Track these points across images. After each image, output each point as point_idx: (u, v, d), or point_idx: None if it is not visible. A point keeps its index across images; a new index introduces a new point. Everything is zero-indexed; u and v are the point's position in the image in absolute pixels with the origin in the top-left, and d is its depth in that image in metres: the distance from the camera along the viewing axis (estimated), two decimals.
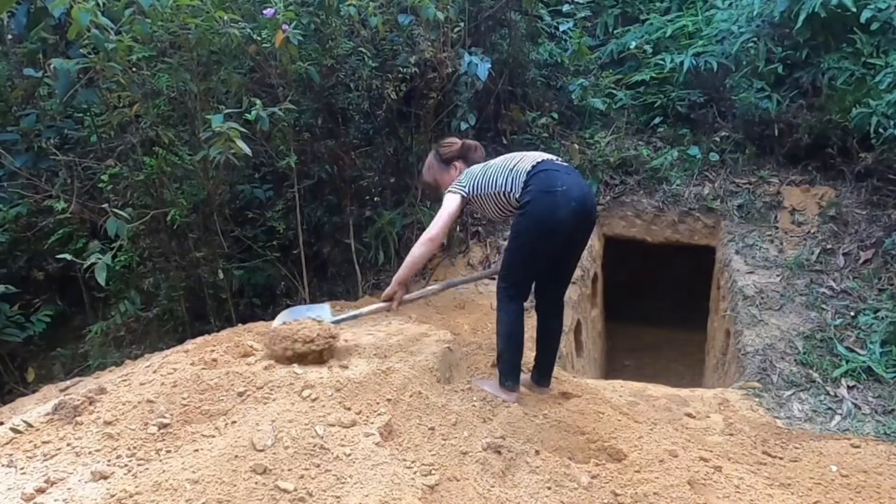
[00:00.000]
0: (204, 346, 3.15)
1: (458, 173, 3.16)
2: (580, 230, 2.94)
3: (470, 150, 3.26)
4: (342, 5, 4.09)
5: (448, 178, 3.20)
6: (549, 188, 2.79)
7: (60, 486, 2.19)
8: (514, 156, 3.05)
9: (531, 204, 2.81)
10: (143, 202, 4.30)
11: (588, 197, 2.88)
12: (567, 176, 2.86)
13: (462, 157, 3.24)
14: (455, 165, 3.23)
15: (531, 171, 2.88)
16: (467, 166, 3.17)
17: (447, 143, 3.28)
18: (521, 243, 2.89)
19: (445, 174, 3.24)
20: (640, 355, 7.05)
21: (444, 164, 3.25)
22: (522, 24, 5.71)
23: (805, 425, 3.58)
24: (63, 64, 3.48)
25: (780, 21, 5.38)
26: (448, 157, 3.25)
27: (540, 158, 2.96)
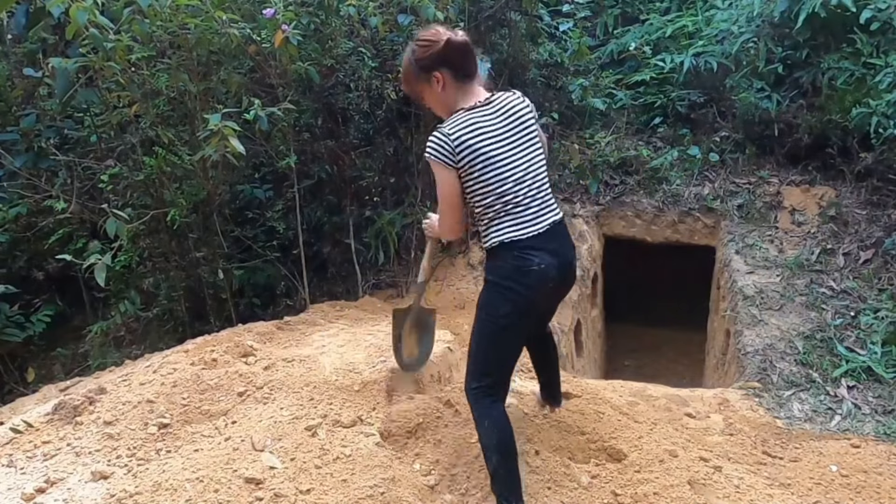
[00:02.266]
0: (204, 346, 3.15)
1: (442, 91, 2.32)
2: (557, 300, 2.58)
3: (458, 54, 2.29)
4: (342, 5, 4.09)
5: (431, 95, 2.37)
6: (522, 268, 2.29)
7: (60, 486, 2.19)
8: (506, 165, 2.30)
9: (500, 285, 2.31)
10: (142, 202, 4.30)
11: (568, 269, 2.45)
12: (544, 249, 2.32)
13: (447, 63, 2.29)
14: (437, 77, 2.30)
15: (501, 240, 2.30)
16: (457, 82, 2.31)
17: (425, 41, 2.31)
18: (492, 328, 2.35)
19: (425, 87, 2.35)
20: (640, 355, 7.05)
21: (421, 70, 2.32)
22: (522, 24, 5.71)
23: (805, 425, 3.58)
24: (62, 63, 3.48)
25: (780, 21, 5.38)
26: (424, 62, 2.30)
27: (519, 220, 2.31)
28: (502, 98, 2.37)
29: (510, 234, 2.30)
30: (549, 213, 2.38)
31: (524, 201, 2.31)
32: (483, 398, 2.37)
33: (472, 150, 2.25)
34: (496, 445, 2.33)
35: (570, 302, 5.11)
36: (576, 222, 5.65)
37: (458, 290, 4.92)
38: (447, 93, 2.33)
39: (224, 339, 3.27)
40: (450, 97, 2.34)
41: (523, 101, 2.41)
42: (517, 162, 2.31)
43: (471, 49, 2.34)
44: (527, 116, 2.38)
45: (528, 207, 2.32)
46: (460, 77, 2.32)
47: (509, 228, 2.30)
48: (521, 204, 2.30)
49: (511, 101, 2.37)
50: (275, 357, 3.07)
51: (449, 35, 2.30)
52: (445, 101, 2.35)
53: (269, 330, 3.55)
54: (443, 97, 2.35)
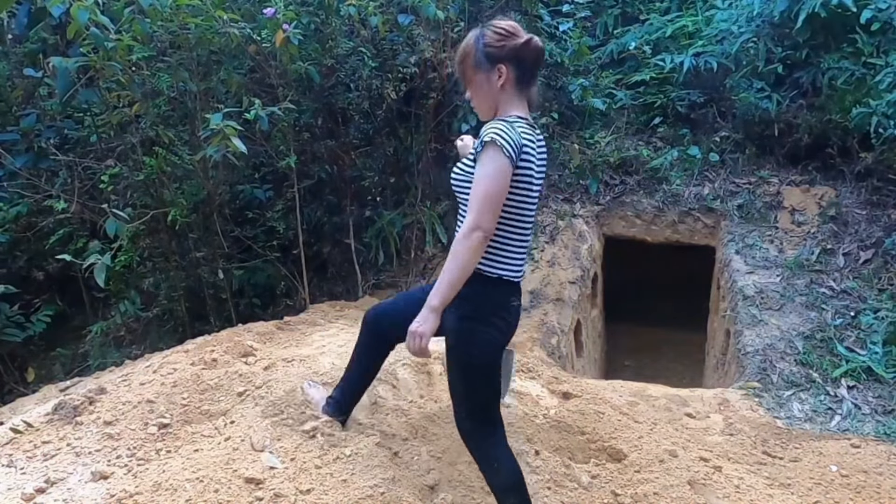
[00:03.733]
0: (204, 346, 3.15)
1: (500, 88, 2.11)
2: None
3: (533, 56, 2.14)
4: (342, 5, 4.09)
5: (484, 86, 2.14)
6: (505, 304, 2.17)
7: (60, 486, 2.19)
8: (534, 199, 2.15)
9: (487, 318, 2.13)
10: (143, 202, 4.30)
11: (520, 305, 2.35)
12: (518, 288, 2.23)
13: (518, 61, 2.11)
14: (500, 70, 2.10)
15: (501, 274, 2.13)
16: (518, 86, 2.13)
17: (503, 30, 2.15)
18: (484, 362, 2.16)
19: (483, 77, 2.13)
20: (640, 355, 7.04)
21: (486, 58, 2.11)
22: (522, 24, 5.70)
23: (805, 425, 3.58)
24: (62, 62, 3.48)
25: (780, 21, 5.38)
26: (494, 52, 2.11)
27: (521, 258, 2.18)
28: (537, 131, 2.21)
29: (511, 270, 2.14)
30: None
31: (525, 242, 2.18)
32: (486, 438, 2.22)
33: (527, 164, 2.06)
34: (506, 486, 2.22)
35: (570, 302, 5.12)
36: (576, 222, 5.65)
37: None
38: (504, 91, 2.12)
39: (224, 339, 3.27)
40: (503, 97, 2.13)
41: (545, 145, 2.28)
42: (536, 202, 2.19)
43: (543, 60, 2.25)
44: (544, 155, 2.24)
45: (524, 251, 2.19)
46: (523, 81, 2.14)
47: (511, 265, 2.14)
48: (524, 244, 2.17)
49: (542, 138, 2.24)
50: (275, 357, 3.07)
51: (532, 36, 2.16)
52: (497, 98, 2.14)
53: (269, 330, 3.55)
54: (496, 94, 2.13)
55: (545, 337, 4.72)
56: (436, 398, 2.94)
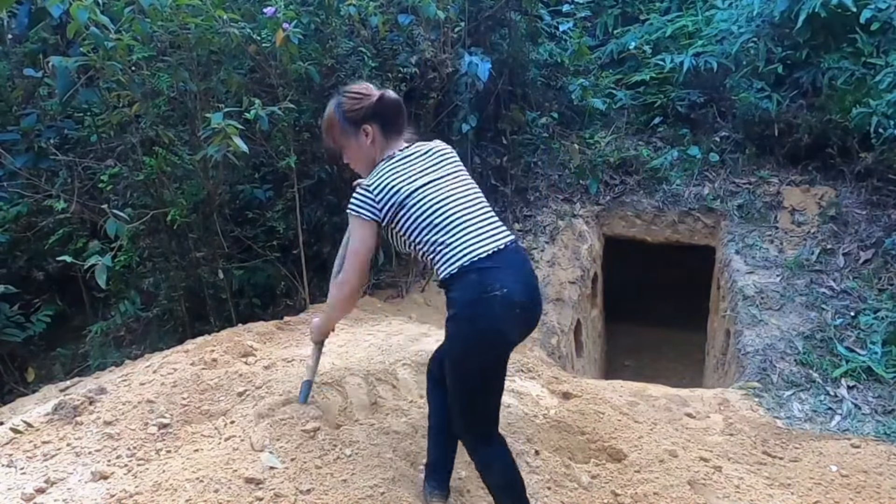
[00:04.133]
0: (204, 346, 3.15)
1: (370, 145, 2.26)
2: (526, 328, 2.24)
3: (391, 109, 2.28)
4: (342, 5, 4.09)
5: (355, 149, 2.30)
6: (483, 293, 2.04)
7: (60, 486, 2.19)
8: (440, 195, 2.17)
9: (464, 318, 2.08)
10: (143, 202, 4.30)
11: (534, 293, 2.17)
12: (504, 270, 2.08)
13: (378, 118, 2.26)
14: (366, 130, 2.25)
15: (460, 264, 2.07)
16: (385, 137, 2.27)
17: (356, 94, 2.28)
18: (469, 369, 2.12)
19: (352, 141, 2.28)
20: (640, 355, 7.05)
21: (348, 123, 2.26)
22: (522, 24, 5.71)
23: (805, 425, 3.58)
24: (62, 62, 3.48)
25: (780, 21, 5.38)
26: (354, 116, 2.25)
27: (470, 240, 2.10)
28: (422, 145, 2.31)
29: (465, 253, 2.08)
30: (503, 233, 2.18)
31: (470, 219, 2.15)
32: (485, 443, 2.20)
33: (394, 189, 2.16)
34: (503, 485, 2.23)
35: (570, 302, 5.12)
36: (576, 222, 5.65)
37: None
38: (374, 147, 2.27)
39: (224, 339, 3.27)
40: (374, 152, 2.28)
41: (446, 147, 2.34)
42: (448, 185, 2.20)
43: (403, 108, 2.33)
44: (452, 156, 2.31)
45: (483, 226, 2.15)
46: (390, 131, 2.29)
47: (460, 251, 2.09)
48: (468, 221, 2.14)
49: (431, 145, 2.32)
50: (275, 357, 3.07)
51: (383, 91, 2.30)
52: (370, 155, 2.28)
53: (269, 330, 3.55)
54: (369, 151, 2.28)
55: (545, 337, 4.72)
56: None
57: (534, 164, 6.02)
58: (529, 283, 2.17)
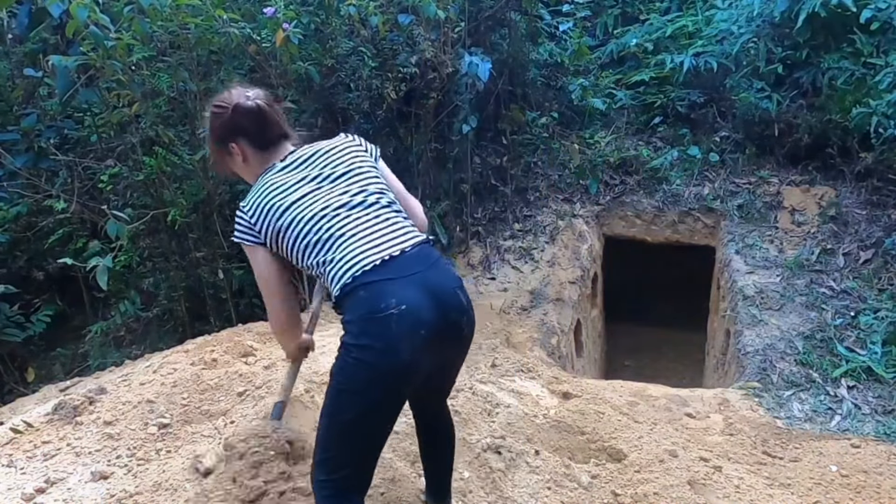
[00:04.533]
0: (204, 346, 3.15)
1: (244, 164, 1.97)
2: (451, 353, 1.88)
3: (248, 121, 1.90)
4: (342, 5, 4.09)
5: (238, 169, 2.01)
6: (374, 312, 1.65)
7: (60, 486, 2.19)
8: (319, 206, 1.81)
9: (353, 345, 1.68)
10: (143, 202, 4.30)
11: (449, 306, 1.74)
12: (400, 281, 1.69)
13: (242, 132, 1.92)
14: (234, 148, 1.94)
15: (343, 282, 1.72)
16: (258, 151, 1.94)
17: (214, 108, 1.95)
18: (344, 406, 1.72)
19: (228, 160, 2.00)
20: (640, 355, 7.05)
21: (217, 143, 1.98)
22: (522, 24, 5.71)
23: (805, 425, 3.58)
24: (61, 61, 3.48)
25: (780, 21, 5.38)
26: (217, 134, 1.96)
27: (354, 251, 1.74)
28: (310, 147, 1.96)
29: (348, 270, 1.72)
30: (403, 236, 1.79)
31: (355, 227, 1.77)
32: (335, 497, 1.74)
33: (265, 209, 1.84)
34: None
35: (570, 302, 5.12)
36: (576, 222, 5.65)
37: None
38: (250, 165, 1.96)
39: (224, 339, 3.27)
40: (254, 168, 1.96)
41: (347, 140, 2.00)
42: (330, 192, 1.83)
43: (269, 114, 1.92)
44: (344, 153, 1.93)
45: (371, 234, 1.77)
46: (262, 147, 1.93)
47: (346, 265, 1.72)
48: (353, 230, 1.77)
49: (321, 147, 1.95)
50: (275, 357, 3.07)
51: (238, 100, 1.89)
52: (251, 173, 1.98)
53: (269, 330, 3.55)
54: (246, 171, 1.99)
55: (545, 337, 4.72)
56: None
57: (534, 164, 6.02)
58: (443, 292, 1.73)
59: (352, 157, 1.94)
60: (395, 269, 1.71)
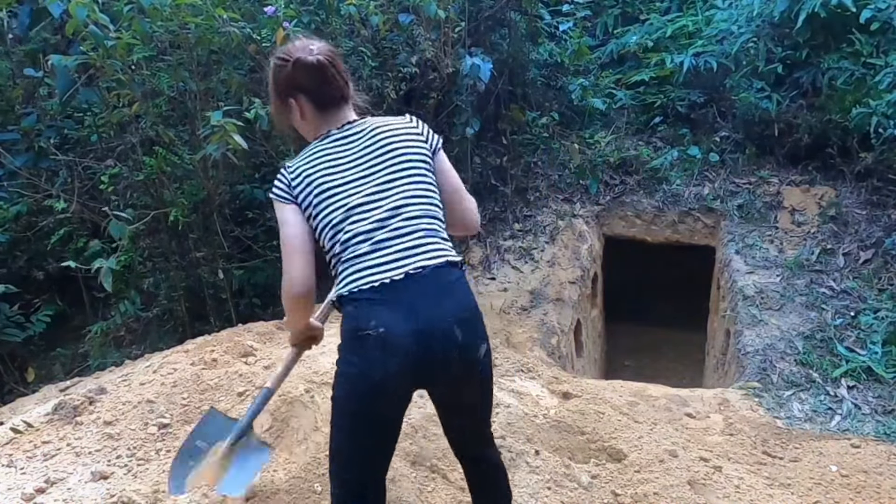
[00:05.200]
0: (204, 346, 3.15)
1: (302, 121, 1.90)
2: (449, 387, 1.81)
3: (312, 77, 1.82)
4: (342, 4, 4.09)
5: (296, 125, 1.95)
6: (356, 330, 1.68)
7: (60, 486, 2.19)
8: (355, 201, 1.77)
9: (341, 357, 1.75)
10: (143, 202, 4.30)
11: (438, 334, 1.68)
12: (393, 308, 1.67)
13: (302, 89, 1.84)
14: (293, 105, 1.88)
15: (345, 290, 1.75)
16: (319, 110, 1.86)
17: (278, 58, 1.87)
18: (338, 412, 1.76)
19: (288, 116, 1.93)
20: (640, 355, 7.05)
21: (277, 96, 1.91)
22: (522, 24, 5.71)
23: (805, 425, 3.58)
24: (61, 60, 3.48)
25: (780, 21, 5.38)
26: (278, 87, 1.89)
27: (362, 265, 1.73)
28: (370, 122, 1.88)
29: (348, 282, 1.73)
30: (418, 256, 1.73)
31: (377, 238, 1.73)
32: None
33: (308, 181, 1.80)
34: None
35: (570, 302, 5.12)
36: (576, 222, 5.65)
37: None
38: (309, 123, 1.89)
39: (224, 339, 3.27)
40: (311, 127, 1.89)
41: (408, 124, 1.90)
42: (368, 190, 1.78)
43: (329, 71, 1.82)
44: (404, 138, 1.85)
45: (383, 248, 1.72)
46: (320, 105, 1.85)
47: (349, 276, 1.74)
48: (370, 243, 1.73)
49: (380, 126, 1.87)
50: (275, 357, 3.07)
51: (299, 54, 1.81)
52: (307, 131, 1.92)
53: (269, 330, 3.55)
54: (304, 129, 1.92)
55: (545, 337, 4.72)
56: None
57: (534, 164, 6.02)
58: (433, 323, 1.68)
59: (407, 150, 1.84)
60: (390, 292, 1.69)
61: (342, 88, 1.87)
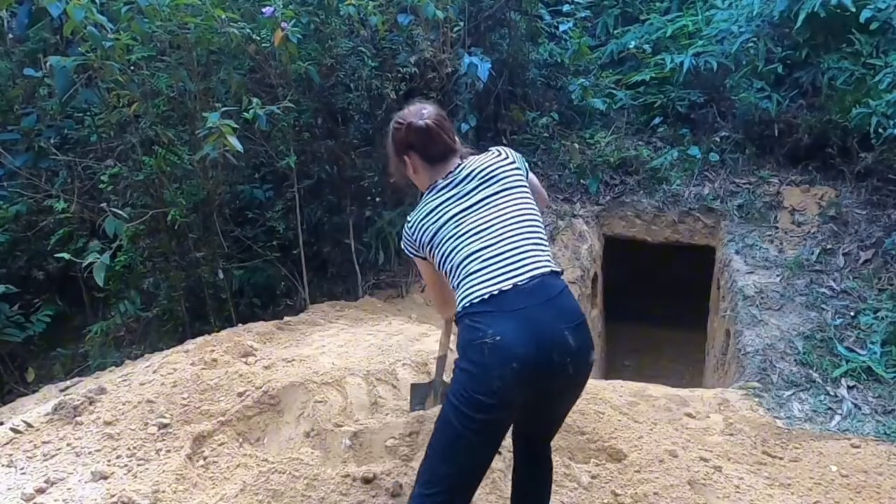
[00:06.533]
0: (204, 346, 3.15)
1: (415, 175, 2.17)
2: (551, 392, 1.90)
3: (421, 138, 2.09)
4: (342, 5, 4.09)
5: (406, 175, 2.21)
6: (472, 340, 1.79)
7: (60, 486, 2.19)
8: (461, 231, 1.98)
9: (459, 366, 1.84)
10: (142, 202, 4.30)
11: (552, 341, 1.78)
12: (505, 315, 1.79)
13: (414, 148, 2.11)
14: (407, 161, 2.15)
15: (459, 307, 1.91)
16: (429, 164, 2.11)
17: (397, 122, 2.15)
18: (444, 421, 1.85)
19: (401, 167, 2.19)
20: (640, 355, 7.05)
21: (395, 153, 2.19)
22: (522, 24, 5.71)
23: (805, 425, 3.58)
24: (60, 61, 3.48)
25: (780, 21, 5.38)
26: (396, 147, 2.17)
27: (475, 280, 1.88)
28: (470, 163, 2.10)
29: (464, 298, 1.89)
30: (524, 267, 1.88)
31: (484, 257, 1.90)
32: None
33: (426, 230, 2.04)
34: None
35: None
36: (576, 222, 5.65)
37: None
38: (420, 176, 2.15)
39: (224, 339, 3.27)
40: (423, 178, 2.14)
41: (498, 157, 2.11)
42: (474, 217, 1.98)
43: (435, 132, 2.08)
44: (497, 170, 2.06)
45: (491, 264, 1.89)
46: (429, 161, 2.11)
47: (465, 292, 1.89)
48: (481, 260, 1.90)
49: (476, 163, 2.09)
50: (275, 357, 3.07)
51: (412, 120, 2.09)
52: (420, 182, 2.17)
53: (269, 330, 3.56)
54: (417, 180, 2.18)
55: None
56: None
57: (534, 164, 6.02)
58: (546, 330, 1.78)
59: (501, 177, 2.06)
60: (501, 302, 1.82)
61: (448, 145, 2.12)
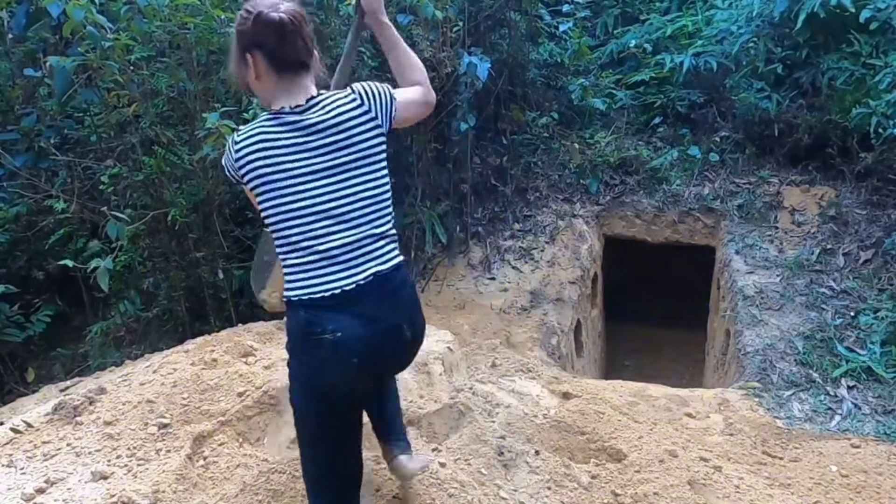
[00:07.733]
0: (204, 346, 3.15)
1: (256, 81, 1.77)
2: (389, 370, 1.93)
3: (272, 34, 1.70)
4: (342, 5, 4.09)
5: (242, 76, 1.80)
6: (310, 334, 1.69)
7: (60, 486, 2.19)
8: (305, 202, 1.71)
9: (292, 356, 1.76)
10: (142, 202, 4.30)
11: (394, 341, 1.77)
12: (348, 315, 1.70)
13: (259, 45, 1.72)
14: (249, 61, 1.75)
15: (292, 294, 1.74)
16: (277, 74, 1.74)
17: (244, 9, 1.75)
18: (300, 420, 1.82)
19: (244, 70, 1.78)
20: (640, 355, 7.05)
21: (237, 48, 1.77)
22: (522, 24, 5.71)
23: (805, 425, 3.58)
24: (59, 62, 3.48)
25: (779, 21, 5.38)
26: (239, 38, 1.76)
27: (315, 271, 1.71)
28: (325, 105, 1.76)
29: (300, 289, 1.71)
30: (370, 262, 1.74)
31: (328, 247, 1.71)
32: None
33: (255, 173, 1.71)
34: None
35: (570, 302, 5.12)
36: (576, 222, 5.65)
37: (457, 290, 4.92)
38: (262, 84, 1.76)
39: (224, 339, 3.27)
40: (266, 90, 1.78)
41: (357, 107, 1.77)
42: (321, 189, 1.71)
43: (290, 31, 1.70)
44: (355, 129, 1.75)
45: (334, 258, 1.71)
46: (277, 66, 1.73)
47: (301, 282, 1.71)
48: (321, 251, 1.71)
49: (333, 110, 1.75)
50: (275, 357, 3.07)
51: (263, 9, 1.69)
52: (262, 94, 1.80)
53: (269, 330, 3.55)
54: (259, 88, 1.79)
55: (545, 337, 4.72)
56: (436, 398, 2.94)
57: (534, 164, 6.02)
58: (383, 326, 1.73)
59: (357, 140, 1.75)
60: (341, 300, 1.70)
61: (303, 52, 1.75)
